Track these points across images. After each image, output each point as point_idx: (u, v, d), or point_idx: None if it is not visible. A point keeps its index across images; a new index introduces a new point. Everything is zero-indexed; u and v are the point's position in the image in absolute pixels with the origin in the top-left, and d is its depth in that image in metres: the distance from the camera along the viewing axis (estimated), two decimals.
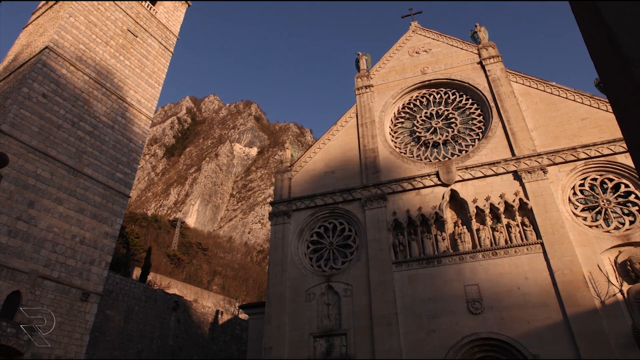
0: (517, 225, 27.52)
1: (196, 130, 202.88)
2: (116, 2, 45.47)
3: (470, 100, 34.27)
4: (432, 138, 33.56)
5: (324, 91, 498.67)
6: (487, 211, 28.45)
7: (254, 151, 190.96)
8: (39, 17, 45.84)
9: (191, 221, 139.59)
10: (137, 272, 64.04)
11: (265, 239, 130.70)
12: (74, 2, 40.93)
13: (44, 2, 47.52)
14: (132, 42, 45.96)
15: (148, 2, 50.06)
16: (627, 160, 26.69)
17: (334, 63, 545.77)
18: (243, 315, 63.81)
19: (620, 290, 23.58)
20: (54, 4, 44.09)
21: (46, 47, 37.16)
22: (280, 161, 37.10)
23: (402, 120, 35.81)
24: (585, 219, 26.80)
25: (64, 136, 35.84)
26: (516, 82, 32.73)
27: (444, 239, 28.83)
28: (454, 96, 34.96)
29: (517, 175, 28.82)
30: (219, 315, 58.92)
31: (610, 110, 28.42)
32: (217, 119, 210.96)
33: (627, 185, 26.68)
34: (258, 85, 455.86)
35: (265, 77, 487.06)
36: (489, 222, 28.25)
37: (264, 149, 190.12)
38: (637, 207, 26.03)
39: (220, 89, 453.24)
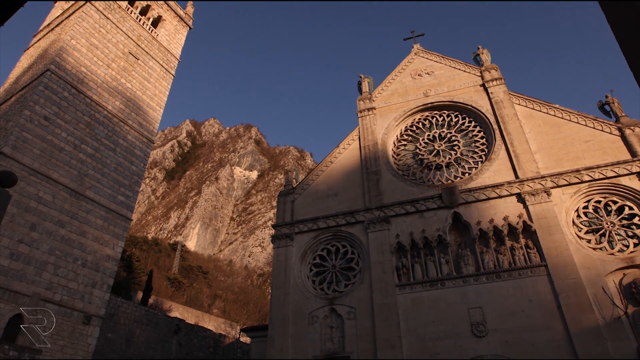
0: (521, 247, 27.39)
1: (196, 153, 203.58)
2: (117, 24, 45.71)
3: (473, 122, 34.28)
4: (435, 160, 33.53)
5: (324, 114, 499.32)
6: (490, 234, 28.35)
7: (254, 174, 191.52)
8: (40, 39, 46.18)
9: (191, 244, 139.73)
10: (138, 296, 63.89)
11: (265, 262, 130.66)
12: (76, 25, 41.13)
13: (48, 23, 47.77)
14: (133, 64, 46.16)
15: (149, 24, 50.30)
16: (630, 182, 26.66)
17: (334, 86, 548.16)
18: (245, 339, 63.61)
19: (625, 313, 23.42)
20: (56, 27, 44.39)
21: (48, 70, 37.31)
22: (283, 184, 37.13)
23: (405, 142, 35.81)
24: (589, 241, 26.67)
25: (66, 159, 35.85)
26: (519, 104, 32.76)
27: (447, 262, 28.70)
28: (457, 119, 34.98)
29: (520, 198, 28.74)
30: (221, 339, 58.64)
31: (614, 132, 28.49)
32: (217, 143, 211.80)
33: (631, 208, 26.57)
34: (258, 109, 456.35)
35: (265, 101, 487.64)
36: (492, 244, 28.13)
37: (264, 173, 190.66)
38: None
39: (220, 112, 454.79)
